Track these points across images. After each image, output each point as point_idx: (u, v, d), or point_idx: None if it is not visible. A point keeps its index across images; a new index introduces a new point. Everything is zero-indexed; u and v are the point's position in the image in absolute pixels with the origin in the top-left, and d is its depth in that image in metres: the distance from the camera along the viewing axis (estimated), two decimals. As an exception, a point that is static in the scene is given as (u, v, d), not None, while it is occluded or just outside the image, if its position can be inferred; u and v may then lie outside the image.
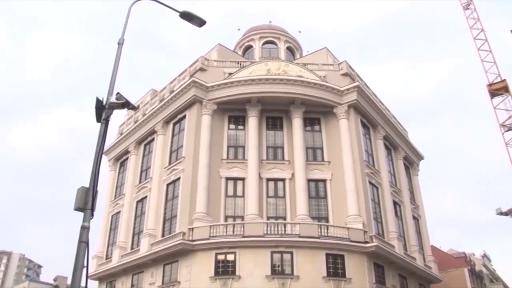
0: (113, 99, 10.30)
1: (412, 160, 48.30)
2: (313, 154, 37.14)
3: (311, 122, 38.60)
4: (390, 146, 44.18)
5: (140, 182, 41.42)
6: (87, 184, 8.07)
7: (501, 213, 63.34)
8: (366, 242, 32.14)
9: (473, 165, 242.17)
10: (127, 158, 45.18)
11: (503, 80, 60.95)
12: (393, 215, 38.35)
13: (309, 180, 35.15)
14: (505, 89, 60.32)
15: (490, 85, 61.69)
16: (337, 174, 35.49)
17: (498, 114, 60.54)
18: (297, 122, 36.96)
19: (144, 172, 41.78)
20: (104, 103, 10.15)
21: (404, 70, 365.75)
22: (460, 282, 60.30)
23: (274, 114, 38.45)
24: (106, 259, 42.08)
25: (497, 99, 61.02)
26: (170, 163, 37.92)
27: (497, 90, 60.92)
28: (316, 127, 38.50)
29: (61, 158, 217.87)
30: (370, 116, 40.07)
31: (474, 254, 79.97)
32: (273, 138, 37.64)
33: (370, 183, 36.90)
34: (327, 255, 30.98)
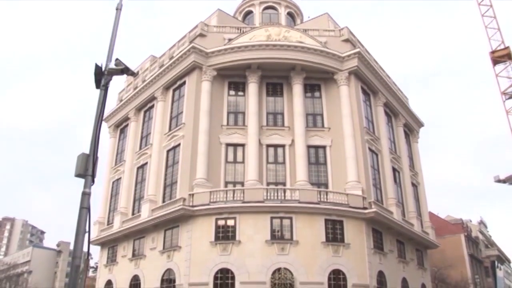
0: (112, 65, 10.17)
1: (412, 127, 48.31)
2: (313, 120, 37.10)
3: (311, 88, 38.41)
4: (390, 113, 44.11)
5: (140, 148, 41.54)
6: (87, 151, 8.09)
7: (499, 181, 63.79)
8: (365, 208, 32.49)
9: (473, 133, 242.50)
10: (127, 125, 45.17)
11: (506, 47, 60.43)
12: (392, 182, 38.63)
13: (309, 146, 35.23)
14: (508, 56, 59.91)
15: (493, 52, 61.20)
16: (337, 141, 35.55)
17: (500, 82, 60.29)
18: (297, 89, 36.77)
19: (144, 138, 41.85)
20: (103, 69, 10.04)
21: (407, 36, 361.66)
22: (456, 247, 61.40)
23: (274, 80, 38.22)
24: (108, 224, 42.61)
25: (500, 67, 60.65)
26: (170, 130, 37.93)
27: (499, 57, 60.49)
28: (317, 94, 38.33)
29: (62, 124, 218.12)
30: (371, 82, 39.84)
31: (471, 221, 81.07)
32: (273, 104, 37.53)
33: (370, 149, 37.01)
34: (326, 220, 31.37)
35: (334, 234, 31.31)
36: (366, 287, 31.01)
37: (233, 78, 37.97)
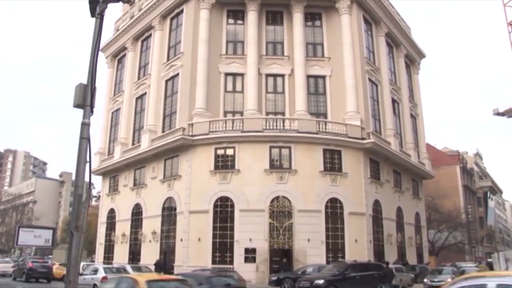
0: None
1: (413, 58, 47.65)
2: (313, 50, 36.47)
3: (312, 17, 37.41)
4: (392, 43, 43.32)
5: (138, 78, 41.17)
6: (86, 82, 8.00)
7: (498, 114, 63.73)
8: (363, 139, 32.74)
9: (476, 67, 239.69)
10: (124, 55, 44.50)
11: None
12: (391, 113, 38.68)
13: (308, 76, 34.89)
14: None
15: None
16: (336, 71, 35.16)
17: (507, 12, 58.57)
18: (297, 17, 35.79)
19: (143, 68, 41.36)
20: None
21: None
22: (451, 178, 62.63)
23: (274, 8, 37.12)
24: (108, 155, 43.14)
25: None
26: (168, 59, 37.40)
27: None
28: (317, 23, 37.40)
29: (59, 56, 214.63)
30: (373, 11, 38.79)
31: (467, 153, 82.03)
32: (273, 33, 36.70)
33: (370, 80, 36.72)
34: (325, 150, 31.71)
35: (332, 164, 31.76)
36: (362, 215, 31.95)
37: (232, 6, 36.88)
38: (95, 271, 24.59)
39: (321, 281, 20.64)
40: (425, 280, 27.59)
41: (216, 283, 15.04)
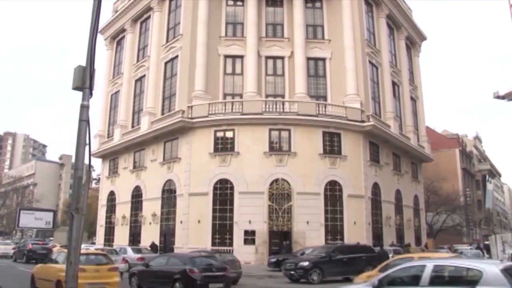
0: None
1: (414, 40, 47.31)
2: (313, 32, 36.17)
3: (312, -2, 37.02)
4: (393, 25, 42.97)
5: (137, 60, 40.93)
6: (84, 64, 7.95)
7: (498, 97, 63.65)
8: (363, 121, 32.70)
9: (478, 50, 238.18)
10: (123, 37, 44.15)
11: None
12: (391, 95, 38.59)
13: (308, 59, 34.69)
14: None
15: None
16: (337, 53, 34.94)
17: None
18: (298, -1, 35.39)
19: (142, 50, 41.09)
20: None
21: None
22: (450, 161, 62.68)
23: (275, -11, 36.71)
24: (108, 137, 43.12)
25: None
26: (167, 41, 37.13)
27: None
28: (317, 4, 36.99)
29: (57, 37, 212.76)
30: (374, -8, 38.41)
31: (466, 136, 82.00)
32: (273, 15, 36.32)
33: (370, 62, 36.53)
34: (324, 133, 31.71)
35: (332, 147, 31.79)
36: (361, 197, 32.10)
37: (231, -13, 36.46)
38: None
39: (306, 263, 20.61)
40: None
41: (199, 263, 15.49)
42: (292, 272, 20.76)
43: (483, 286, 7.09)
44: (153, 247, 30.99)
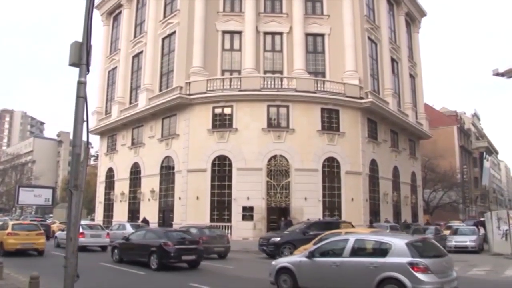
0: None
1: (414, 17, 46.84)
2: (312, 7, 35.71)
3: (311, -27, 36.47)
4: (393, 1, 42.48)
5: (135, 36, 40.52)
6: (81, 39, 7.85)
7: (498, 74, 63.41)
8: (361, 98, 32.62)
9: (477, 25, 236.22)
10: (120, 12, 43.59)
11: None
12: (390, 72, 38.42)
13: (307, 34, 34.38)
14: None
15: None
16: (336, 29, 34.61)
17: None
18: (296, -27, 34.87)
19: (139, 26, 40.64)
20: None
21: None
22: (448, 138, 62.75)
23: (273, -37, 36.12)
24: (106, 114, 42.99)
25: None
26: (164, 17, 36.71)
27: None
28: (316, -21, 36.46)
29: (54, 12, 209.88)
30: (374, -33, 37.85)
31: (465, 113, 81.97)
32: (271, -11, 35.82)
33: (369, 38, 36.23)
34: (322, 109, 31.68)
35: (330, 123, 31.79)
36: (358, 174, 32.26)
37: (229, -39, 35.87)
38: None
39: (277, 239, 20.72)
40: None
41: (173, 237, 16.46)
42: (264, 248, 21.03)
43: (391, 256, 9.13)
44: (145, 222, 31.02)
